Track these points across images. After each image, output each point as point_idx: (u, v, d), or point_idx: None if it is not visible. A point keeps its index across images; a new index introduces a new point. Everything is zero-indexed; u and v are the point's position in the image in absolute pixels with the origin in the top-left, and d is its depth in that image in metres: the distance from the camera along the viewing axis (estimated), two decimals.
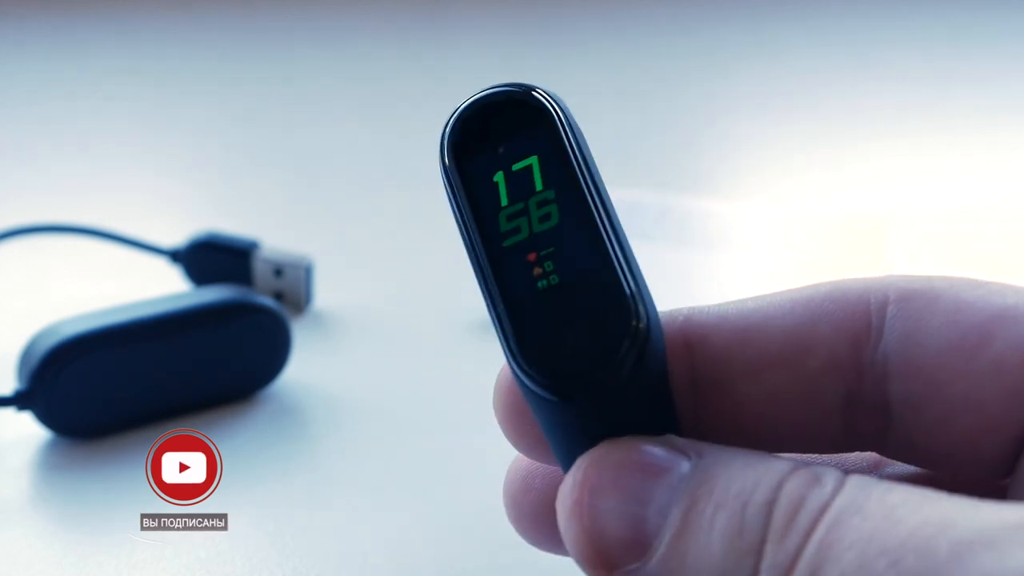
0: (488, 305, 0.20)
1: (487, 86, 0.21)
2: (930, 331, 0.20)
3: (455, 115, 0.21)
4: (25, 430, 0.36)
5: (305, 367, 0.40)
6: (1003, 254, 0.51)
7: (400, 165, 0.63)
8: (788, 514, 0.17)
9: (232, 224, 0.48)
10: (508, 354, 0.19)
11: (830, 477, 0.18)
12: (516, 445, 0.22)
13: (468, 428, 0.36)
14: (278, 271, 0.45)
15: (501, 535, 0.24)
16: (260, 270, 0.45)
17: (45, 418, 0.35)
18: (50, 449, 0.36)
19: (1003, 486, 0.20)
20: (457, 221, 0.21)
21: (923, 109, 0.73)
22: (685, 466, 0.18)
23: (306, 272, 0.45)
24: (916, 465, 0.21)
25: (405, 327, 0.44)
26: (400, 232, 0.53)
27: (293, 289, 0.45)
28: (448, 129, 0.21)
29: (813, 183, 0.60)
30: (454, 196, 0.21)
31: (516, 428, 0.22)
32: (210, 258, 0.46)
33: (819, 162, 0.64)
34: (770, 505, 0.18)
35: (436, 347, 0.43)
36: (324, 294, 0.46)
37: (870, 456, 0.22)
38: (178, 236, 0.47)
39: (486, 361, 0.39)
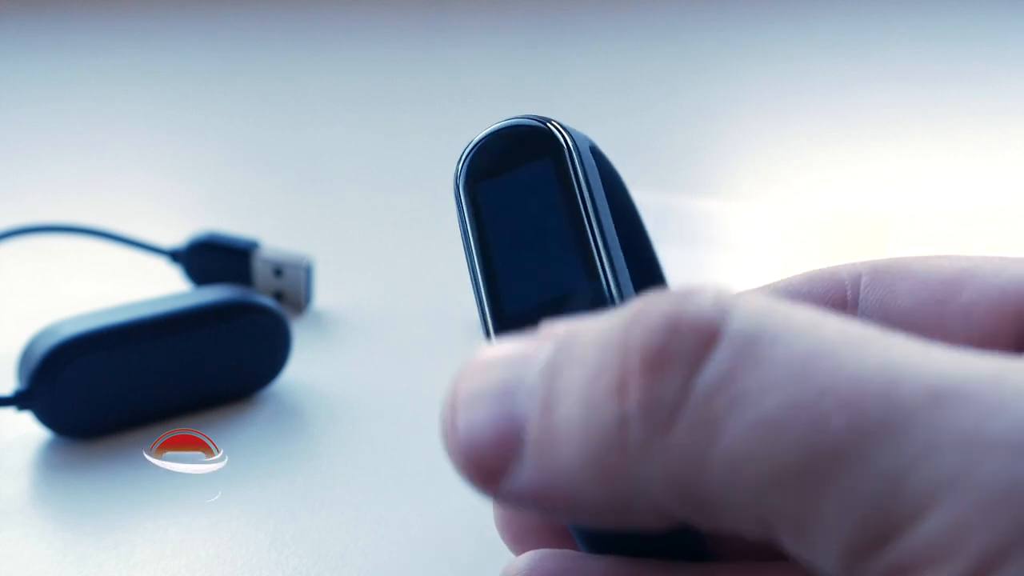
0: (482, 323, 0.21)
1: (508, 117, 0.22)
2: (902, 293, 0.20)
3: (474, 142, 0.22)
4: (25, 430, 0.36)
5: (305, 367, 0.40)
6: (1002, 253, 0.51)
7: (400, 165, 0.63)
8: (656, 337, 0.14)
9: (232, 224, 0.48)
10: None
11: (711, 291, 0.15)
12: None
13: None
14: (278, 271, 0.45)
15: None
16: (260, 270, 0.45)
17: (45, 418, 0.35)
18: (50, 449, 0.36)
19: None
20: (463, 240, 0.22)
21: (923, 109, 0.73)
22: (552, 342, 0.16)
23: (306, 272, 0.45)
24: None
25: (405, 327, 0.44)
26: (400, 232, 0.53)
27: (293, 289, 0.45)
28: (466, 154, 0.22)
29: (813, 183, 0.60)
30: (463, 217, 0.22)
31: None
32: (210, 258, 0.46)
33: (819, 162, 0.64)
34: (626, 332, 0.15)
35: (436, 347, 0.43)
36: (324, 294, 0.46)
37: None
38: (178, 236, 0.47)
39: None
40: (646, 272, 0.28)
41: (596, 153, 0.24)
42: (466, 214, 0.22)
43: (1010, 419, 0.13)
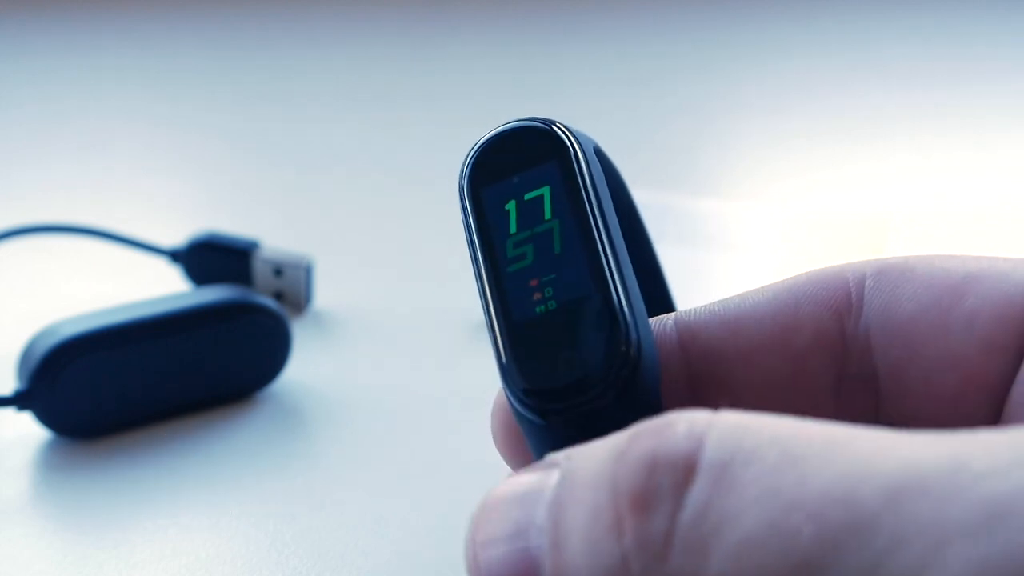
0: (489, 329, 0.20)
1: (512, 119, 0.22)
2: (906, 298, 0.20)
3: (478, 144, 0.22)
4: (25, 430, 0.36)
5: (305, 367, 0.40)
6: (1003, 254, 0.51)
7: (400, 165, 0.63)
8: (640, 477, 0.16)
9: (232, 224, 0.48)
10: (502, 376, 0.20)
11: (684, 423, 0.16)
12: (510, 464, 0.22)
13: (468, 428, 0.36)
14: (278, 271, 0.45)
15: None
16: (260, 270, 0.45)
17: (45, 418, 0.35)
18: (50, 449, 0.36)
19: None
20: (468, 245, 0.21)
21: (923, 109, 0.73)
22: (555, 476, 0.17)
23: (306, 272, 0.45)
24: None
25: (405, 327, 0.44)
26: (400, 232, 0.53)
27: (293, 289, 0.45)
28: (470, 157, 0.22)
29: (813, 182, 0.60)
30: (468, 221, 0.21)
31: (511, 451, 0.22)
32: (210, 258, 0.46)
33: (819, 161, 0.64)
34: (615, 472, 0.16)
35: (436, 347, 0.43)
36: (324, 294, 0.46)
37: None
38: (178, 236, 0.47)
39: (486, 361, 0.39)
40: (649, 272, 0.28)
41: (600, 154, 0.24)
42: (471, 219, 0.21)
43: (968, 504, 0.13)
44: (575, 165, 0.21)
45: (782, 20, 0.97)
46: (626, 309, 0.19)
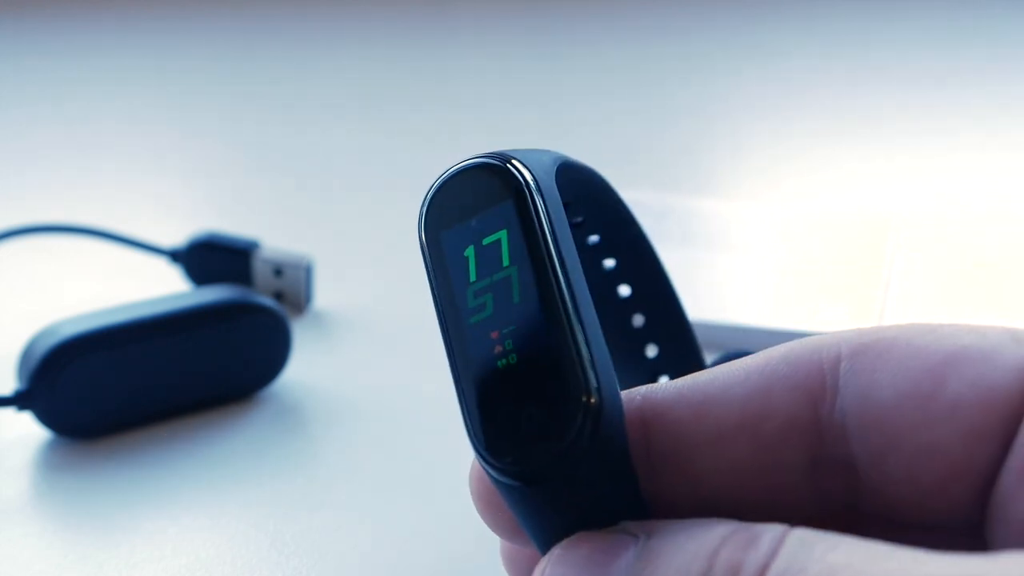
0: (455, 385, 0.20)
1: (466, 157, 0.21)
2: (883, 384, 0.19)
3: (433, 186, 0.21)
4: (25, 430, 0.36)
5: (305, 367, 0.40)
6: (1003, 254, 0.51)
7: (400, 165, 0.63)
8: None
9: (232, 224, 0.48)
10: (471, 438, 0.19)
11: (767, 537, 0.17)
12: (495, 531, 0.21)
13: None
14: (278, 271, 0.45)
15: None
16: (260, 270, 0.45)
17: (45, 418, 0.35)
18: (50, 449, 0.36)
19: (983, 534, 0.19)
20: (432, 292, 0.21)
21: (924, 109, 0.73)
22: (632, 551, 0.18)
23: (306, 272, 0.45)
24: (893, 519, 0.20)
25: (405, 327, 0.44)
26: (400, 232, 0.53)
27: (293, 289, 0.45)
28: (426, 201, 0.21)
29: (814, 183, 0.60)
30: (428, 269, 0.21)
31: (492, 514, 0.21)
32: (210, 258, 0.46)
33: (820, 161, 0.64)
34: (705, 574, 0.17)
35: (436, 347, 0.42)
36: (324, 294, 0.46)
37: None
38: (178, 236, 0.47)
39: None
40: (652, 277, 0.28)
41: (572, 169, 0.22)
42: (431, 267, 0.20)
43: None
44: (530, 205, 0.20)
45: (783, 21, 0.97)
46: (587, 358, 0.18)
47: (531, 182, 0.20)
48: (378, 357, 0.42)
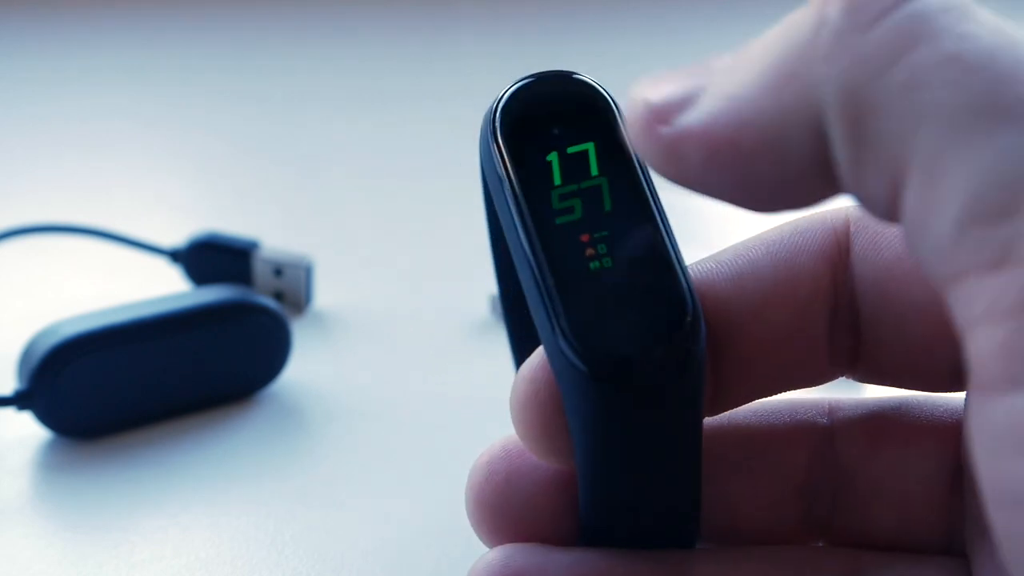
0: (531, 281, 0.19)
1: (540, 71, 0.21)
2: (883, 244, 0.21)
3: (511, 89, 0.21)
4: (25, 430, 0.36)
5: (305, 367, 0.40)
6: None
7: (401, 164, 0.63)
8: None
9: (232, 224, 0.48)
10: (553, 329, 0.19)
11: None
12: (534, 440, 0.21)
13: (468, 428, 0.36)
14: (278, 271, 0.45)
15: None
16: (260, 270, 0.45)
17: (45, 418, 0.35)
18: (50, 449, 0.36)
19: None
20: (498, 198, 0.20)
21: None
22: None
23: (306, 272, 0.45)
24: (880, 384, 0.22)
25: (405, 327, 0.44)
26: (401, 231, 0.53)
27: (293, 289, 0.45)
28: (500, 103, 0.21)
29: None
30: (499, 170, 0.20)
31: (540, 413, 0.20)
32: (210, 258, 0.46)
33: None
34: None
35: (436, 347, 0.43)
36: (324, 294, 0.46)
37: (822, 404, 0.23)
38: (178, 236, 0.47)
39: (487, 361, 0.39)
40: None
41: None
42: (507, 166, 0.20)
43: None
44: (619, 121, 0.20)
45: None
46: (685, 279, 0.19)
47: (615, 100, 0.21)
48: (378, 357, 0.42)
